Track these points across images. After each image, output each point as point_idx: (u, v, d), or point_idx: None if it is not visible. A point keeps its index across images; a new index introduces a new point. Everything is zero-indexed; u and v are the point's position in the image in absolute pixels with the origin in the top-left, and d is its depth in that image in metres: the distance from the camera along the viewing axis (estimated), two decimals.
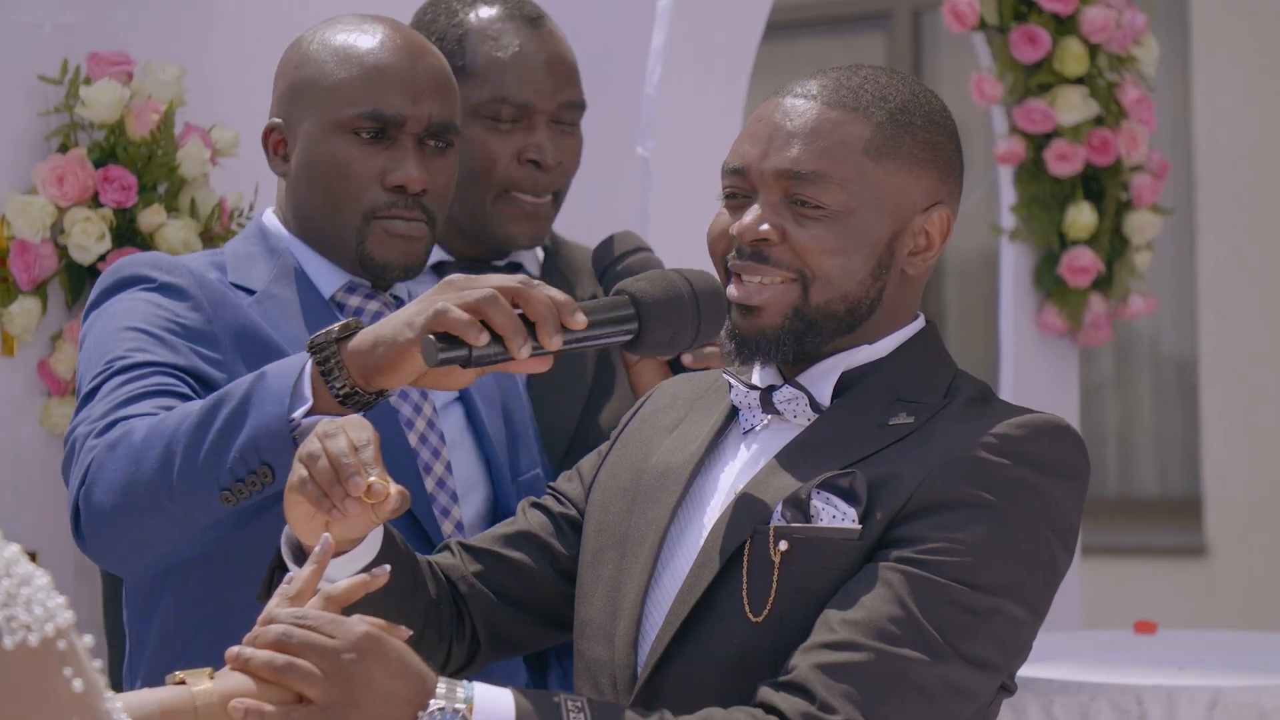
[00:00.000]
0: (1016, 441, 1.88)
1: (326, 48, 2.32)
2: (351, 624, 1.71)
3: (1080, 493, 1.93)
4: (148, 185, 3.28)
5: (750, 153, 1.97)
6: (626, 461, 2.06)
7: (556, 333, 1.89)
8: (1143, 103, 4.56)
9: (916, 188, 1.97)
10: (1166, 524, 7.39)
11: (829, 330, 1.96)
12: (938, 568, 1.83)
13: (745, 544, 1.88)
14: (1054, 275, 4.58)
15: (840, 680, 1.79)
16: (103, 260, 3.24)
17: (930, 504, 1.86)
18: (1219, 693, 3.51)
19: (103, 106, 3.24)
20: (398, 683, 1.69)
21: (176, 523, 2.04)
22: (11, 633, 1.11)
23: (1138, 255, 4.62)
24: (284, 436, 1.96)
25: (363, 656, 1.69)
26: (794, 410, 1.97)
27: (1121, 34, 4.53)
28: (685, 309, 1.95)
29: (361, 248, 2.30)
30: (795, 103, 1.97)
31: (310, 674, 1.67)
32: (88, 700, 1.13)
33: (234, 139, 3.36)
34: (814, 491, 1.88)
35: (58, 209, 3.23)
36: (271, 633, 1.70)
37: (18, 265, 3.23)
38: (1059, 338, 4.66)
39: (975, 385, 1.98)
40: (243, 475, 1.98)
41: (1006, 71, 4.54)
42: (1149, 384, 7.63)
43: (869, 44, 7.95)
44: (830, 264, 1.94)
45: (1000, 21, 4.52)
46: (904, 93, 1.98)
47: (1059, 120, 4.50)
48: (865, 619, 1.82)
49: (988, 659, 1.85)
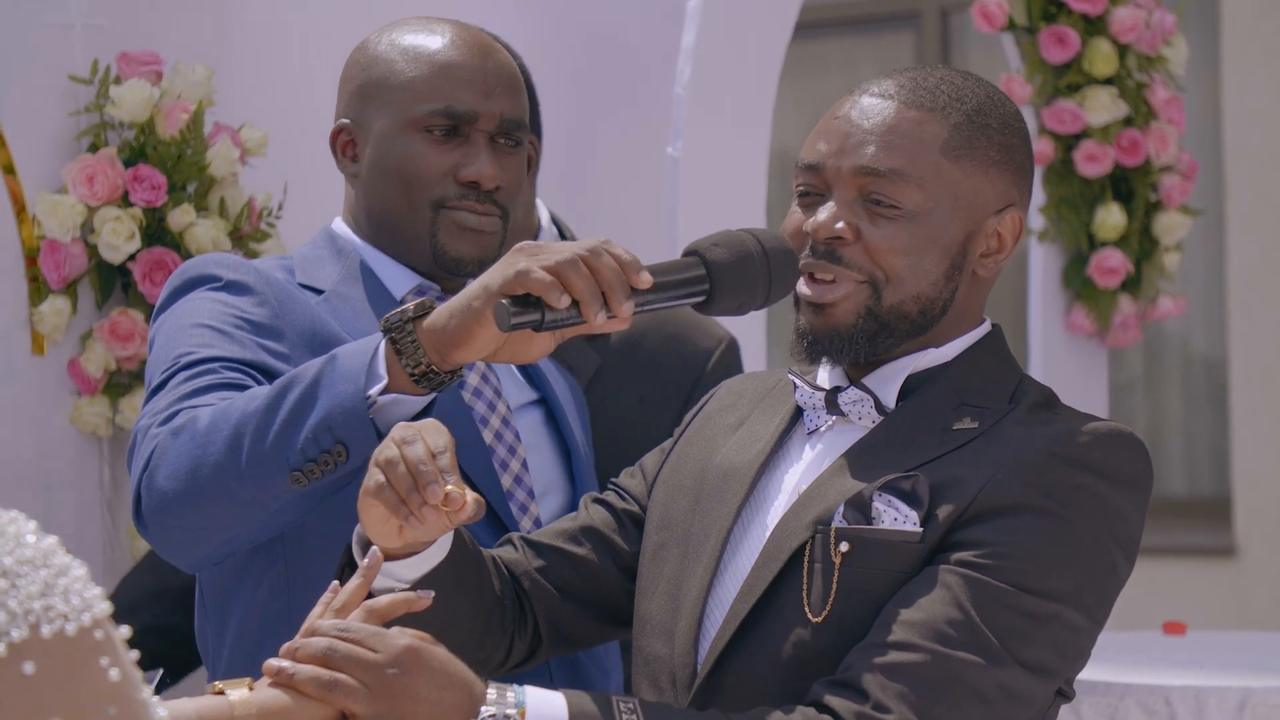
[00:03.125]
0: (1081, 448, 1.88)
1: (396, 47, 2.32)
2: (393, 637, 1.71)
3: (1143, 501, 1.91)
4: (177, 185, 3.29)
5: (825, 150, 1.96)
6: (690, 459, 2.06)
7: (628, 299, 1.89)
8: (1172, 103, 4.55)
9: (991, 189, 1.96)
10: (1196, 525, 7.37)
11: (901, 331, 1.95)
12: (998, 572, 1.83)
13: (807, 544, 1.88)
14: (1083, 276, 4.57)
15: (895, 681, 1.79)
16: (132, 260, 3.25)
17: (992, 508, 1.85)
18: (1248, 694, 3.50)
19: (132, 106, 3.25)
20: (445, 693, 1.70)
21: (243, 506, 2.03)
22: (50, 621, 1.12)
23: (1167, 256, 4.61)
24: (360, 414, 1.95)
25: (406, 670, 1.69)
26: (859, 412, 1.96)
27: (1151, 34, 4.52)
28: (755, 269, 1.93)
29: (434, 241, 2.29)
30: (872, 101, 1.96)
31: (355, 690, 1.67)
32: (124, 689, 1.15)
33: (263, 138, 3.37)
34: (876, 493, 1.87)
35: (88, 208, 3.24)
36: (315, 646, 1.69)
37: (48, 264, 3.25)
38: (1088, 338, 4.65)
39: (1040, 390, 1.97)
40: (314, 455, 1.96)
41: (1035, 72, 4.53)
42: (1178, 385, 7.61)
43: (898, 44, 7.94)
44: (903, 265, 1.93)
45: (1029, 22, 4.51)
46: (979, 94, 1.98)
47: (1088, 121, 4.49)
48: (923, 620, 1.81)
49: (1045, 664, 1.85)
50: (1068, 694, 1.94)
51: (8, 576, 1.12)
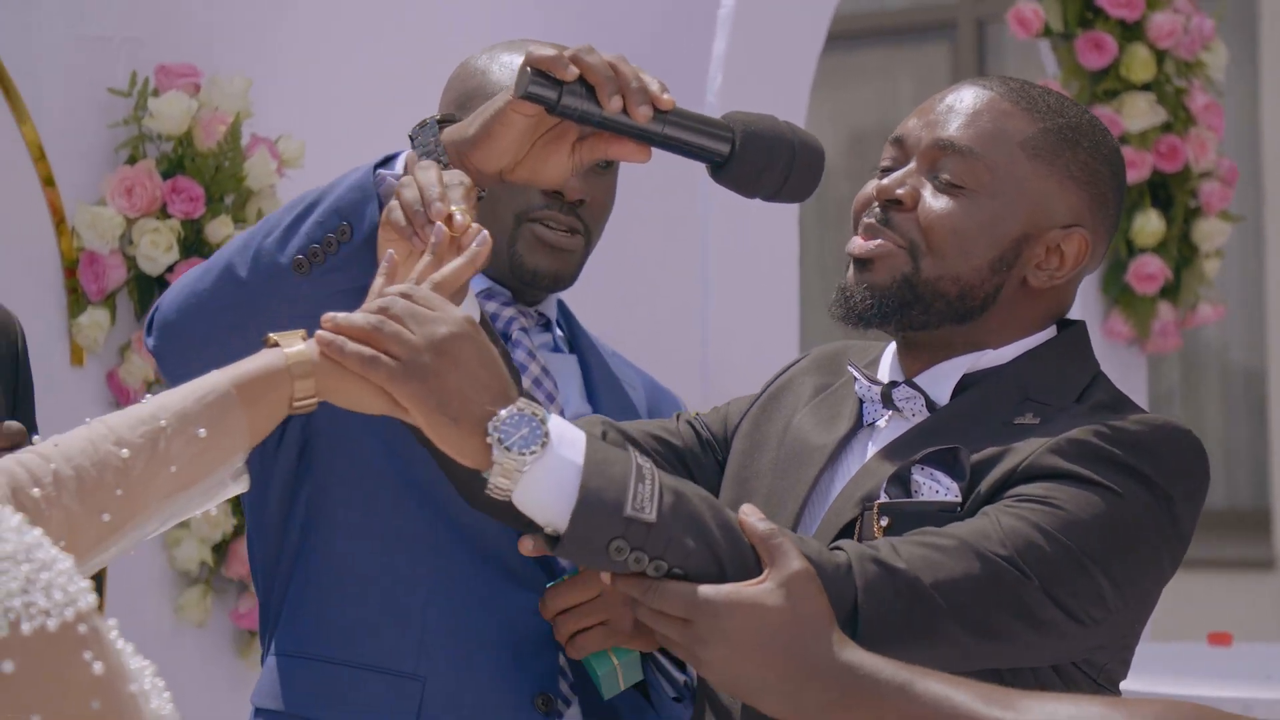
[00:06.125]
0: (1137, 437, 1.86)
1: (495, 60, 2.33)
2: (454, 308, 1.69)
3: (1197, 500, 1.89)
4: (215, 196, 3.30)
5: (914, 125, 1.99)
6: (774, 418, 2.06)
7: (645, 104, 1.88)
8: (1211, 108, 4.52)
9: (1062, 201, 1.95)
10: (1235, 536, 7.32)
11: (937, 311, 1.94)
12: (1039, 514, 1.81)
13: (854, 523, 1.89)
14: (1121, 282, 4.55)
15: (915, 547, 1.78)
16: (170, 271, 3.26)
17: (1041, 472, 1.83)
18: None
19: (171, 118, 3.26)
20: (484, 370, 1.66)
21: (242, 307, 2.00)
22: (30, 619, 1.12)
23: (1207, 263, 4.58)
24: (367, 186, 1.92)
25: (459, 334, 1.66)
26: (911, 409, 1.96)
27: (1189, 39, 4.50)
28: (781, 149, 1.93)
29: (513, 251, 2.28)
30: (971, 88, 1.99)
31: (399, 333, 1.65)
32: (110, 682, 1.14)
33: (300, 150, 3.38)
34: (916, 467, 1.87)
35: (126, 220, 3.26)
36: (361, 318, 1.66)
37: (87, 276, 3.26)
38: (1126, 345, 4.62)
39: (1109, 391, 1.96)
40: (319, 238, 1.94)
41: (1072, 78, 4.51)
42: (1217, 394, 7.57)
43: (933, 55, 7.93)
44: (949, 241, 1.93)
45: (1066, 28, 4.49)
46: (1082, 116, 1.99)
47: (1125, 127, 4.47)
48: (955, 527, 1.81)
49: (1070, 604, 1.81)
50: (1111, 691, 1.92)
51: None
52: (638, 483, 1.67)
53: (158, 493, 1.56)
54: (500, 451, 1.65)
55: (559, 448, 1.67)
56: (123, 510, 1.54)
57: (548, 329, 2.34)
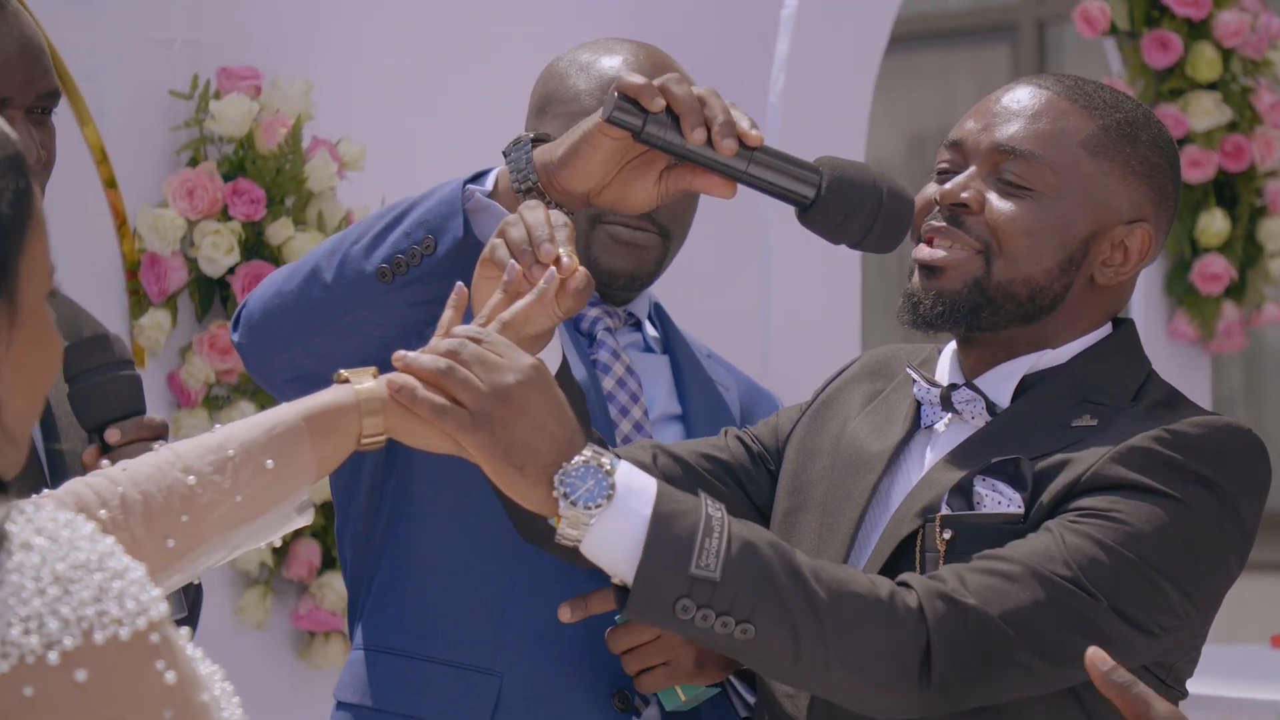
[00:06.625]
0: (1199, 439, 1.85)
1: (574, 63, 2.33)
2: (522, 353, 1.68)
3: (1260, 499, 1.88)
4: (276, 198, 3.31)
5: (971, 127, 1.98)
6: (828, 424, 2.05)
7: (730, 137, 1.87)
8: (1278, 107, 4.48)
9: (1125, 196, 1.95)
10: None
11: (1007, 312, 1.94)
12: (1104, 529, 1.81)
13: (918, 534, 1.88)
14: (1185, 282, 4.51)
15: (981, 577, 1.78)
16: (231, 273, 3.27)
17: (1105, 484, 1.83)
18: None
19: (232, 120, 3.27)
20: (551, 420, 1.66)
21: (328, 308, 2.01)
22: (103, 628, 1.12)
23: (1272, 262, 4.54)
24: (454, 201, 1.93)
25: (526, 382, 1.65)
26: (971, 411, 1.95)
27: (1256, 38, 4.45)
28: (868, 197, 1.92)
29: (590, 253, 2.28)
30: (1027, 88, 1.98)
31: (468, 380, 1.64)
32: (182, 691, 1.14)
33: (361, 152, 3.39)
34: (979, 478, 1.87)
35: (188, 222, 3.27)
36: (444, 345, 1.67)
37: (148, 278, 3.27)
38: (1190, 345, 4.58)
39: (1164, 389, 1.95)
40: (404, 248, 1.95)
41: (1137, 77, 4.48)
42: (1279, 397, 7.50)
43: (994, 55, 7.89)
44: (1022, 244, 1.92)
45: (1131, 26, 4.46)
46: (1138, 110, 1.98)
47: (1191, 126, 4.43)
48: (1020, 548, 1.81)
49: (1139, 619, 1.81)
50: (1178, 690, 1.90)
51: (60, 583, 1.12)
52: (704, 537, 1.68)
53: (222, 522, 1.57)
54: (566, 505, 1.66)
55: (626, 499, 1.67)
56: (187, 537, 1.55)
57: (637, 329, 2.34)
